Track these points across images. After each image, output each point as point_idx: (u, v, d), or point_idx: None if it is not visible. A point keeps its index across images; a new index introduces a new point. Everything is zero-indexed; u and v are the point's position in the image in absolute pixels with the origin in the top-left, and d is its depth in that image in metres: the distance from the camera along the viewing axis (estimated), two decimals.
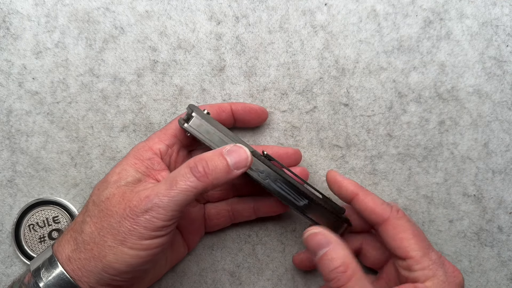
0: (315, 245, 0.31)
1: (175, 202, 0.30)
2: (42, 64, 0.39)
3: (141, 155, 0.34)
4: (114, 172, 0.33)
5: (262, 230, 0.41)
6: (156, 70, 0.40)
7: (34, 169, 0.40)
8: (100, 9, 0.40)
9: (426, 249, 0.32)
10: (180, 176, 0.31)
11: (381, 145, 0.40)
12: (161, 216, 0.30)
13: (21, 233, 0.39)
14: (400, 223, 0.33)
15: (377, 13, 0.40)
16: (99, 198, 0.32)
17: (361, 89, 0.40)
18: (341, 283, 0.30)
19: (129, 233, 0.30)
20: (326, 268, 0.30)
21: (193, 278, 0.40)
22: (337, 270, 0.30)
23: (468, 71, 0.40)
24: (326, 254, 0.31)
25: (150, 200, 0.30)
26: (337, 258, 0.30)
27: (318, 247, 0.31)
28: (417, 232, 0.33)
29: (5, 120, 0.40)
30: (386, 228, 0.33)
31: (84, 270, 0.30)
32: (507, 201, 0.40)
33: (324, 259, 0.31)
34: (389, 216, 0.33)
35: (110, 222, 0.31)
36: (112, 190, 0.32)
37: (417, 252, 0.32)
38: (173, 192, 0.30)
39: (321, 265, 0.31)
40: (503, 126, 0.40)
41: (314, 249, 0.31)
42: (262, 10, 0.40)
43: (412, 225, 0.34)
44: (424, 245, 0.33)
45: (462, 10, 0.40)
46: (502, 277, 0.40)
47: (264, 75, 0.40)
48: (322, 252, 0.31)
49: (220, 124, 0.35)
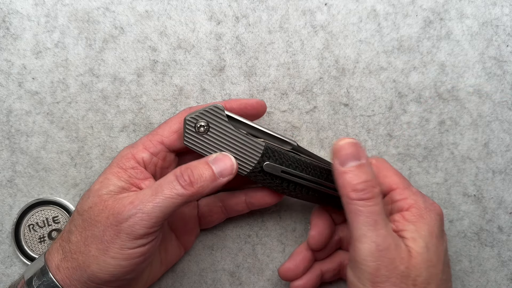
0: (349, 154, 0.31)
1: (159, 209, 0.30)
2: (42, 64, 0.39)
3: (124, 164, 0.33)
4: (97, 181, 0.33)
5: (262, 230, 0.41)
6: (156, 70, 0.40)
7: (34, 169, 0.40)
8: (100, 9, 0.40)
9: (407, 184, 0.34)
10: (165, 183, 0.31)
11: (381, 145, 0.40)
12: (144, 223, 0.30)
13: (21, 233, 0.39)
14: (382, 163, 0.35)
15: (377, 13, 0.40)
16: (82, 207, 0.32)
17: (361, 89, 0.40)
18: (371, 195, 0.30)
19: (112, 242, 0.30)
20: (357, 179, 0.31)
21: (193, 278, 0.40)
22: (369, 183, 0.31)
23: (468, 71, 0.40)
24: (360, 166, 0.31)
25: (134, 206, 0.30)
26: (370, 172, 0.31)
27: (352, 157, 0.31)
28: (397, 172, 0.35)
29: (5, 120, 0.39)
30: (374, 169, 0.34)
31: (72, 279, 0.31)
32: (507, 201, 0.40)
33: (357, 170, 0.31)
34: (371, 159, 0.35)
35: (93, 231, 0.31)
36: (94, 199, 0.32)
37: (399, 185, 0.34)
38: (157, 198, 0.30)
39: (351, 175, 0.31)
40: (503, 126, 0.40)
41: (347, 158, 0.31)
42: (262, 10, 0.40)
43: (393, 167, 0.36)
44: (405, 180, 0.34)
45: (462, 10, 0.40)
46: (502, 277, 0.40)
47: (264, 75, 0.40)
48: (355, 163, 0.31)
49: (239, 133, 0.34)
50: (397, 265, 0.30)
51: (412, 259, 0.30)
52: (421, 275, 0.30)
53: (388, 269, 0.30)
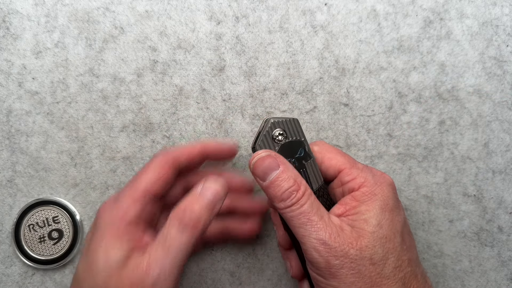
0: (265, 168, 0.31)
1: (177, 263, 0.30)
2: (42, 64, 0.39)
3: (118, 230, 0.32)
4: (98, 256, 0.31)
5: (262, 230, 0.41)
6: (156, 70, 0.40)
7: (34, 169, 0.40)
8: (100, 9, 0.40)
9: (352, 162, 0.34)
10: (171, 239, 0.30)
11: (381, 145, 0.40)
12: (168, 283, 0.30)
13: (21, 233, 0.39)
14: (324, 146, 0.35)
15: (377, 13, 0.40)
16: (95, 284, 0.31)
17: (361, 89, 0.40)
18: (296, 199, 0.30)
19: None
20: (279, 189, 0.31)
21: (193, 278, 0.40)
22: (291, 189, 0.31)
23: (468, 71, 0.40)
24: (278, 176, 0.31)
25: (153, 270, 0.30)
26: (289, 178, 0.31)
27: (269, 170, 0.31)
28: (340, 151, 0.35)
29: (5, 120, 0.39)
30: (317, 157, 0.34)
31: None
32: (507, 201, 0.40)
33: (277, 180, 0.31)
34: (313, 145, 0.35)
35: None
36: (106, 274, 0.31)
37: (345, 165, 0.33)
38: (170, 255, 0.30)
39: (273, 188, 0.31)
40: (503, 126, 0.40)
41: (265, 173, 0.31)
42: (262, 10, 0.40)
43: (333, 146, 0.35)
44: (349, 159, 0.34)
45: (462, 10, 0.40)
46: (502, 277, 0.40)
47: (264, 75, 0.40)
48: (274, 174, 0.31)
49: None
50: (347, 250, 0.29)
51: (363, 239, 0.30)
52: (376, 252, 0.30)
53: (337, 258, 0.29)
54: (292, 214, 0.30)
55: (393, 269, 0.30)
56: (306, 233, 0.30)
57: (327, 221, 0.31)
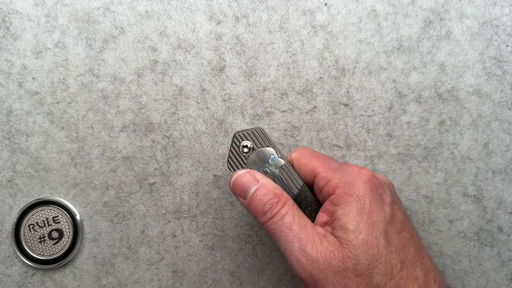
0: (245, 185, 0.32)
1: None
2: (42, 64, 0.39)
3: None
4: None
5: (262, 230, 0.41)
6: (156, 70, 0.40)
7: (34, 169, 0.40)
8: (100, 9, 0.40)
9: (327, 163, 0.33)
10: None
11: (381, 145, 0.40)
12: None
13: (21, 233, 0.39)
14: (302, 152, 0.34)
15: (377, 13, 0.40)
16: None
17: (361, 89, 0.40)
18: (276, 210, 0.30)
19: None
20: (260, 203, 0.31)
21: (193, 278, 0.40)
22: (271, 201, 0.31)
23: (468, 71, 0.40)
24: (257, 190, 0.31)
25: None
26: (269, 191, 0.31)
27: (248, 186, 0.32)
28: (316, 154, 0.34)
29: (5, 120, 0.39)
30: (295, 165, 0.34)
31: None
32: (507, 201, 0.40)
33: (257, 195, 0.31)
34: (292, 154, 0.35)
35: None
36: None
37: (319, 169, 0.32)
38: None
39: (254, 204, 0.31)
40: (503, 126, 0.40)
41: (244, 191, 0.32)
42: (262, 10, 0.40)
43: (312, 150, 0.34)
44: (324, 161, 0.33)
45: (462, 10, 0.40)
46: (502, 277, 0.40)
47: (264, 75, 0.40)
48: (253, 190, 0.31)
49: None
50: (329, 261, 0.28)
51: (343, 249, 0.28)
52: (360, 262, 0.28)
53: (321, 271, 0.28)
54: (274, 226, 0.30)
55: (383, 278, 0.28)
56: (289, 245, 0.29)
57: (310, 230, 0.29)
